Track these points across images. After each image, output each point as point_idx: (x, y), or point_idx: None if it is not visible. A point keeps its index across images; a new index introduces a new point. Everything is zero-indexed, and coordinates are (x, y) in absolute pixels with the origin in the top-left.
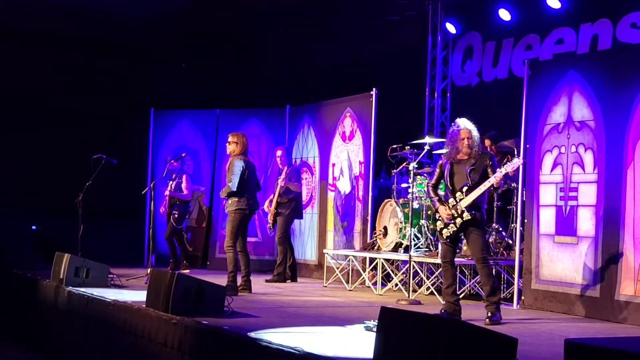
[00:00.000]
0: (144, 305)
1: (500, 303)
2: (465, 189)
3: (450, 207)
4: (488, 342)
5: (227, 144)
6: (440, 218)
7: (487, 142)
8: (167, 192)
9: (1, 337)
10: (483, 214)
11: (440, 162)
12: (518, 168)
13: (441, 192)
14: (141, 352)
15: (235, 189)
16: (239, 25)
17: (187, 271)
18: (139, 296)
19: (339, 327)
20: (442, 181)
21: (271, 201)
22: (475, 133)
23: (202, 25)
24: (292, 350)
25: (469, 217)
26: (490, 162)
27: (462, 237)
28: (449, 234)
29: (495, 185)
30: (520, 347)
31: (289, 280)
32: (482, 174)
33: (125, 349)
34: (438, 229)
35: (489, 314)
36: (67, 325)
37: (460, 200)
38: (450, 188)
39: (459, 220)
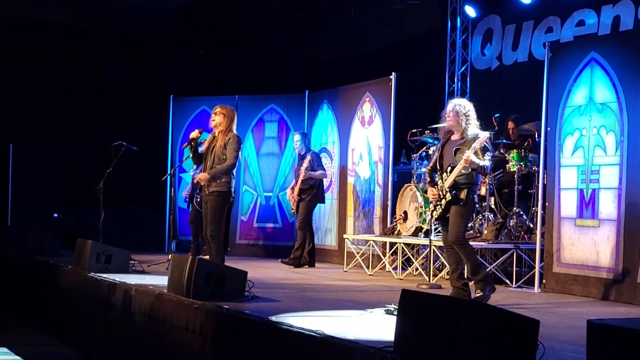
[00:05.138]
0: (166, 291)
1: (487, 278)
2: (449, 169)
3: (439, 188)
4: (510, 324)
5: (212, 114)
6: (430, 200)
7: (511, 125)
8: (191, 172)
9: (23, 323)
10: (471, 196)
11: (438, 144)
12: (537, 147)
13: None
14: (163, 337)
15: (234, 164)
16: (257, 11)
17: (207, 256)
18: (160, 282)
19: (360, 310)
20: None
21: (292, 188)
22: (462, 109)
23: (221, 13)
24: (313, 334)
25: (450, 198)
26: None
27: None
28: (437, 216)
29: (467, 166)
30: (542, 329)
31: (307, 266)
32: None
33: (146, 334)
34: (430, 211)
35: (477, 292)
36: (89, 311)
37: (445, 180)
38: (439, 168)
39: (443, 202)
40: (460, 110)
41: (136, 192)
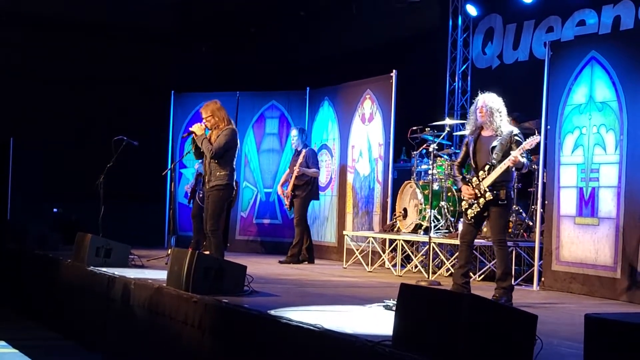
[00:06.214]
0: (165, 285)
1: (511, 289)
2: (487, 167)
3: (474, 186)
4: (508, 319)
5: (204, 121)
6: (464, 198)
7: (513, 124)
8: (196, 166)
9: (23, 317)
10: (509, 194)
11: (465, 140)
12: (538, 147)
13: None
14: (162, 330)
15: (217, 153)
16: (259, 8)
17: (207, 252)
18: (159, 276)
19: (359, 306)
20: (468, 160)
21: (284, 183)
22: (495, 105)
23: (223, 9)
24: (312, 327)
25: (491, 197)
26: (515, 139)
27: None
28: (473, 214)
29: (512, 166)
30: (541, 326)
31: (306, 262)
32: (507, 151)
33: (145, 327)
34: (463, 209)
35: (495, 297)
36: (88, 305)
37: (483, 179)
38: (474, 166)
39: (482, 200)
40: (494, 106)
41: (136, 187)
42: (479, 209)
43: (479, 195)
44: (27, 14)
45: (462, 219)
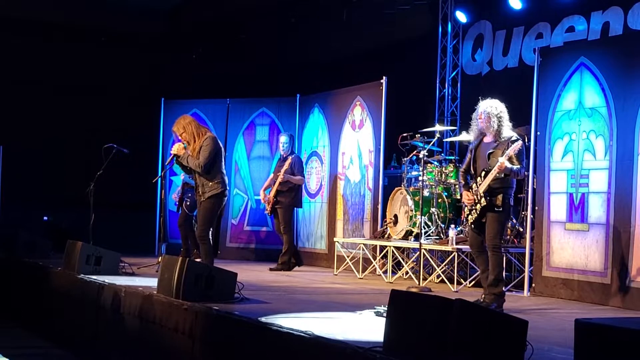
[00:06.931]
0: (155, 292)
1: (502, 295)
2: (483, 173)
3: (473, 192)
4: (498, 325)
5: (181, 139)
6: (464, 203)
7: None
8: (182, 177)
9: (13, 325)
10: (507, 200)
11: (470, 146)
12: (528, 155)
13: None
14: (152, 338)
15: (206, 167)
16: (249, 15)
17: (198, 260)
18: (149, 284)
19: (350, 312)
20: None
21: (266, 188)
22: (494, 110)
23: (213, 16)
24: (303, 334)
25: (486, 203)
26: (511, 146)
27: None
28: (472, 220)
29: (499, 173)
30: (531, 331)
31: (296, 267)
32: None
33: (136, 335)
34: (465, 215)
35: (485, 302)
36: (79, 313)
37: (480, 185)
38: (473, 172)
39: (478, 206)
40: (492, 111)
41: (127, 195)
42: (476, 215)
43: (476, 201)
44: (17, 19)
45: (452, 226)
